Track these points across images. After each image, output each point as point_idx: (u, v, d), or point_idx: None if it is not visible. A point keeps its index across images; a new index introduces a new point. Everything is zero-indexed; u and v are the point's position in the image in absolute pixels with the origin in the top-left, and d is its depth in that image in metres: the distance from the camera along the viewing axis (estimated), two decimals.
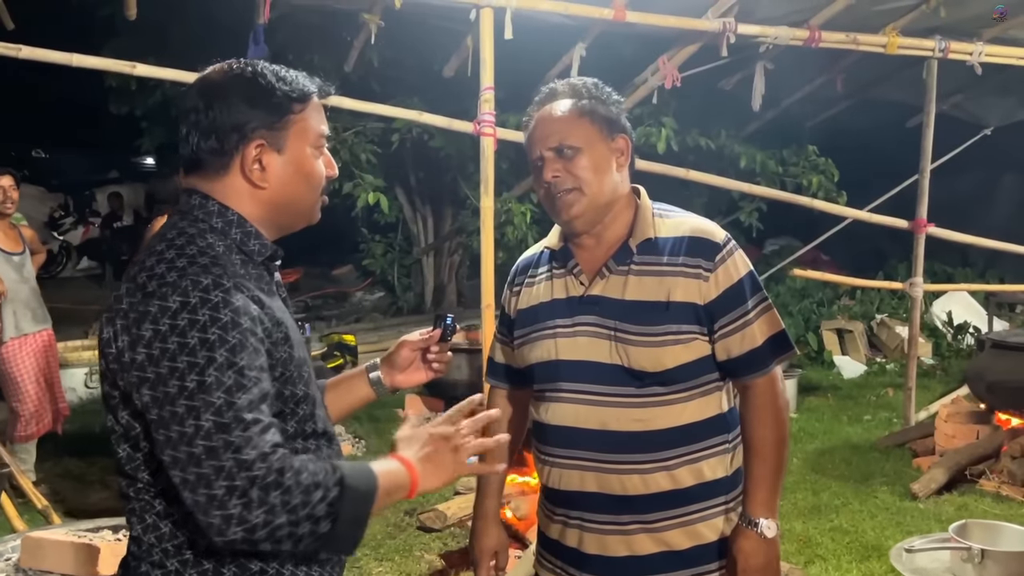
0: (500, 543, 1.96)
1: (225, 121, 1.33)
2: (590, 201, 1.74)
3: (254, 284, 1.33)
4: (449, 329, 1.67)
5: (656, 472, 1.72)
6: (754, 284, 1.75)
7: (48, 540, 2.25)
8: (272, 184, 1.37)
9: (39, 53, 4.28)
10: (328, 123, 1.46)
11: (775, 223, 9.58)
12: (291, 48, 6.83)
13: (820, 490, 4.77)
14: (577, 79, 1.84)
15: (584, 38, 5.46)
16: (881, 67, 6.41)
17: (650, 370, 1.70)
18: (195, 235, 1.32)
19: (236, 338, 1.21)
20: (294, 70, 1.41)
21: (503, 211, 6.97)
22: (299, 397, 1.35)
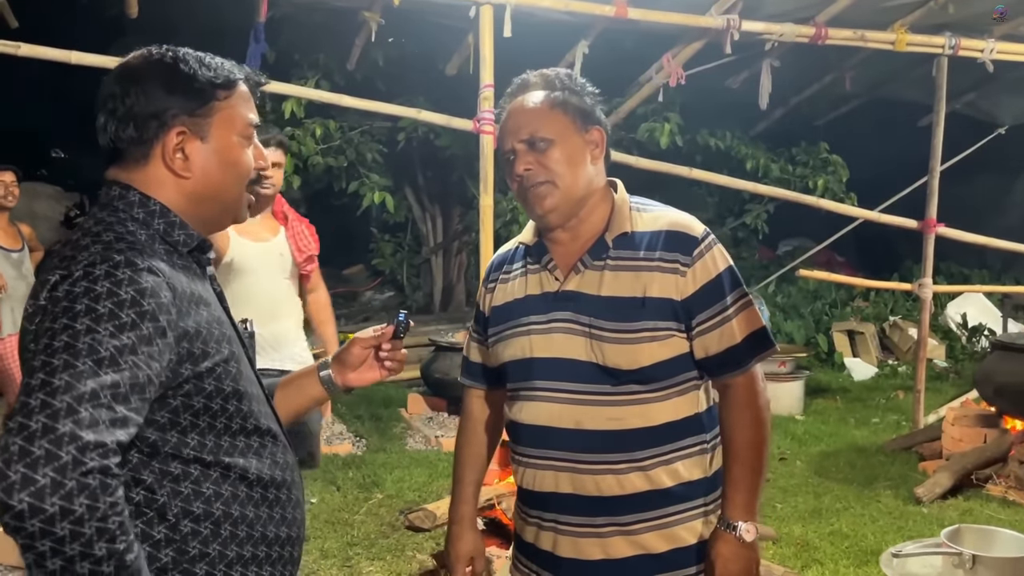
0: (476, 548, 1.92)
1: (143, 108, 1.28)
2: (563, 194, 1.69)
3: (179, 278, 1.27)
4: (402, 326, 1.61)
5: (631, 472, 1.67)
6: (734, 280, 1.70)
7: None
8: (196, 174, 1.32)
9: (37, 51, 4.31)
10: (334, 122, 1.39)
11: (789, 224, 9.49)
12: (297, 47, 6.83)
13: (822, 493, 4.70)
14: (551, 70, 1.78)
15: (587, 35, 5.43)
16: (891, 65, 6.33)
17: (625, 368, 1.65)
18: (114, 223, 1.26)
19: (129, 318, 1.14)
20: (220, 58, 1.36)
21: (508, 210, 6.93)
22: (227, 393, 1.28)
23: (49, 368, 1.06)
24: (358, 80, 6.55)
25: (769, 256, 10.68)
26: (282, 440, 1.41)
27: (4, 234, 4.70)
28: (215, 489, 1.28)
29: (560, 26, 5.39)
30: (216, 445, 1.28)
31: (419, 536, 4.05)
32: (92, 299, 1.13)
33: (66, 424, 1.02)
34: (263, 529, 1.33)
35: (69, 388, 1.05)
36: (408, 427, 6.00)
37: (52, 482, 0.99)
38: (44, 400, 1.02)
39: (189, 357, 1.22)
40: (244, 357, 1.37)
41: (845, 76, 6.58)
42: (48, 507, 0.98)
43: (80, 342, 1.09)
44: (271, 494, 1.35)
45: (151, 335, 1.16)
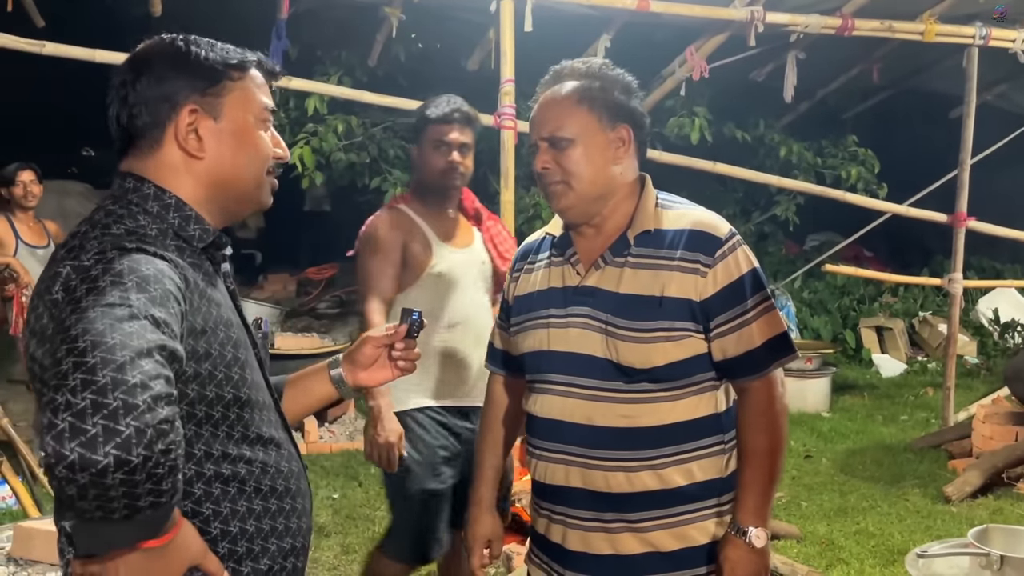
0: (494, 531, 1.93)
1: (154, 92, 1.26)
2: (577, 195, 1.69)
3: (190, 273, 1.23)
4: (415, 325, 1.55)
5: (641, 471, 1.65)
6: (756, 283, 1.67)
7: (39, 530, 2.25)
8: (209, 153, 1.28)
9: (62, 49, 4.35)
10: (356, 118, 1.35)
11: (816, 218, 9.36)
12: (319, 44, 6.85)
13: (848, 492, 4.63)
14: (586, 60, 1.76)
15: (608, 29, 5.38)
16: (920, 56, 6.22)
17: (638, 366, 1.64)
18: (124, 216, 1.23)
19: (158, 291, 1.11)
20: (231, 46, 1.33)
21: (531, 205, 6.91)
22: (227, 400, 1.25)
23: (95, 331, 1.02)
24: (380, 76, 6.54)
25: (796, 251, 10.55)
26: (287, 448, 1.38)
27: (29, 231, 4.76)
28: (214, 507, 1.25)
29: (582, 19, 5.35)
30: (222, 454, 1.25)
31: None
32: (114, 274, 1.09)
33: (135, 376, 0.99)
34: (263, 542, 1.30)
35: (125, 344, 1.01)
36: None
37: (136, 431, 0.96)
38: (105, 357, 0.99)
39: (193, 355, 1.19)
40: (253, 362, 1.33)
41: (873, 68, 6.47)
42: (134, 457, 0.96)
43: (117, 308, 1.05)
44: (273, 505, 1.32)
45: (176, 312, 1.14)
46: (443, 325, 2.60)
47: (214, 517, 1.24)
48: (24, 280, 4.50)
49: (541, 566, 1.83)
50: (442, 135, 2.61)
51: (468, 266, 2.68)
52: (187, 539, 1.13)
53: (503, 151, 4.89)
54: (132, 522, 1.01)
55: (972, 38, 5.45)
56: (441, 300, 2.60)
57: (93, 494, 0.96)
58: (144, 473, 0.97)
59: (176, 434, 1.01)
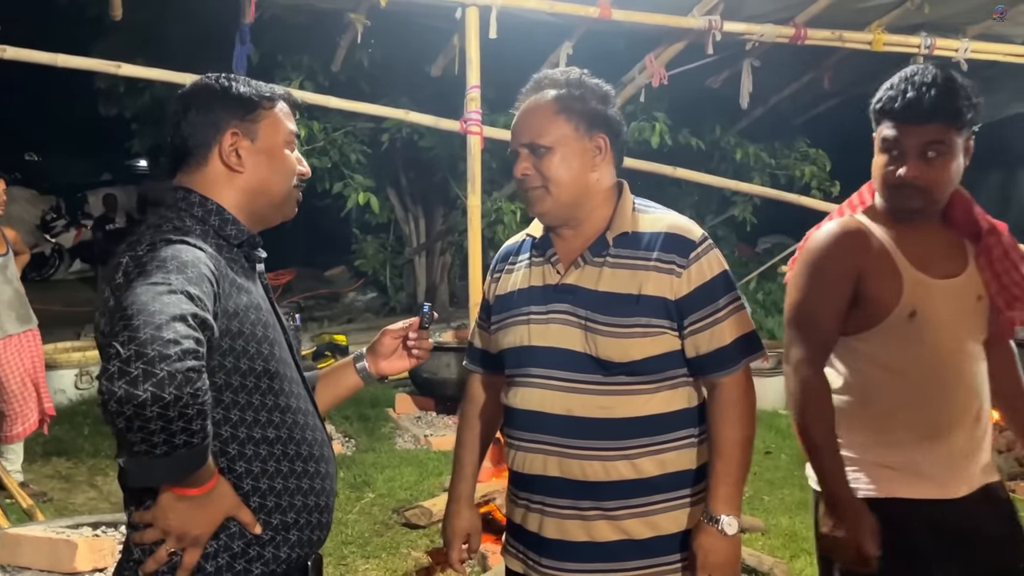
0: (472, 525, 1.98)
1: (202, 119, 1.51)
2: (555, 200, 1.76)
3: (224, 265, 1.45)
4: (427, 317, 1.76)
5: (617, 460, 1.72)
6: (727, 284, 1.76)
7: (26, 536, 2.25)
8: (247, 168, 1.52)
9: (24, 54, 4.29)
10: (317, 123, 1.60)
11: (768, 221, 9.60)
12: (280, 49, 6.84)
13: (807, 486, 4.72)
14: (565, 69, 1.84)
15: (571, 36, 5.48)
16: (868, 64, 6.43)
17: (616, 360, 1.71)
18: (173, 218, 1.47)
19: (194, 272, 1.33)
20: (263, 83, 1.59)
21: (493, 210, 6.97)
22: (258, 372, 1.45)
23: (140, 302, 1.24)
24: (342, 81, 6.56)
25: (748, 253, 10.80)
26: (313, 419, 1.57)
27: None
28: (246, 466, 1.44)
29: (544, 27, 5.45)
30: (254, 419, 1.44)
31: (413, 533, 4.09)
32: (160, 261, 1.33)
33: (169, 332, 1.21)
34: (290, 498, 1.48)
35: (163, 311, 1.23)
36: (397, 427, 6.02)
37: (168, 374, 1.18)
38: (147, 320, 1.21)
39: (227, 332, 1.40)
40: (282, 341, 1.54)
41: (824, 75, 6.68)
42: (166, 395, 1.18)
43: (159, 285, 1.28)
44: (298, 466, 1.50)
45: (209, 291, 1.35)
46: (911, 383, 1.86)
47: (246, 475, 1.44)
48: None
49: (516, 555, 1.88)
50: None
51: (957, 302, 1.88)
52: (223, 492, 1.37)
53: (470, 156, 4.95)
54: (171, 458, 1.23)
55: (918, 47, 5.67)
56: (915, 353, 1.85)
57: (137, 425, 1.19)
58: (176, 410, 1.19)
59: (202, 383, 1.22)
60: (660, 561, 1.76)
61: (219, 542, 1.41)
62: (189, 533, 1.36)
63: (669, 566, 1.77)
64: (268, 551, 1.45)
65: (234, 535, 1.42)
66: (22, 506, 3.67)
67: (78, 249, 12.74)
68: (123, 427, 1.19)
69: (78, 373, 6.42)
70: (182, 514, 1.34)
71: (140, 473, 1.29)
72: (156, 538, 1.38)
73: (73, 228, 12.98)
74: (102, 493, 4.85)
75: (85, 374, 6.42)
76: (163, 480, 1.30)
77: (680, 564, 1.77)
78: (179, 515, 1.34)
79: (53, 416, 4.96)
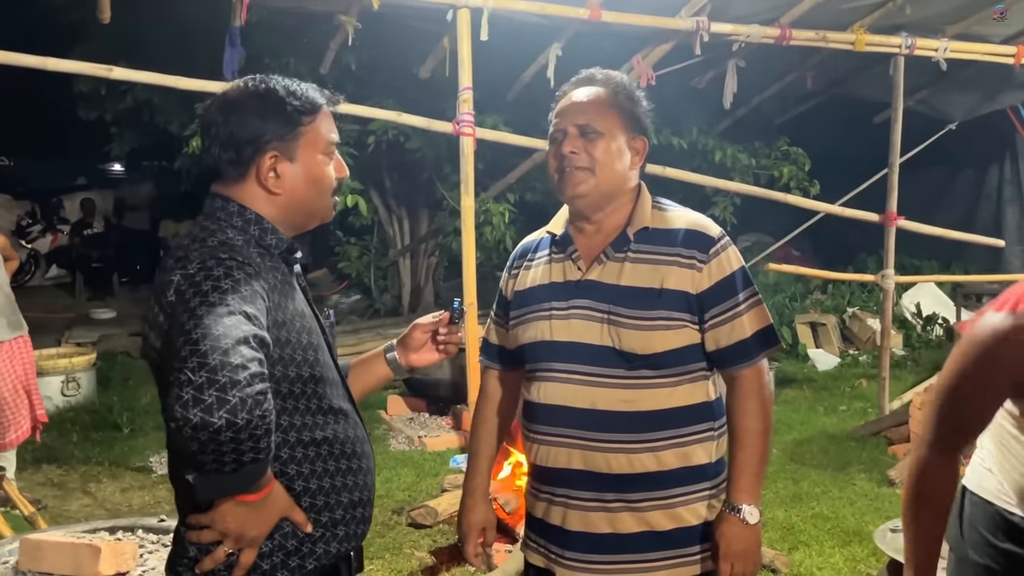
0: (488, 520, 2.01)
1: (241, 134, 1.49)
2: (597, 184, 1.80)
3: (271, 276, 1.47)
4: (457, 312, 1.80)
5: (642, 452, 1.77)
6: (746, 279, 1.81)
7: (48, 542, 2.24)
8: (286, 190, 1.53)
9: (12, 57, 4.24)
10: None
11: (746, 219, 9.71)
12: (268, 51, 6.80)
13: (800, 479, 4.86)
14: (615, 73, 1.91)
15: (559, 38, 5.51)
16: (849, 64, 6.55)
17: (640, 352, 1.76)
18: (215, 230, 1.49)
19: (248, 291, 1.37)
20: (304, 83, 1.55)
21: (481, 211, 6.99)
22: (306, 378, 1.49)
23: (203, 326, 1.28)
24: (329, 83, 6.52)
25: None
26: (353, 417, 1.62)
27: None
28: (297, 469, 1.49)
29: (534, 28, 5.47)
30: (302, 424, 1.49)
31: (416, 534, 4.10)
32: (214, 280, 1.36)
33: (236, 357, 1.25)
34: (337, 496, 1.54)
35: (227, 335, 1.28)
36: (390, 428, 6.02)
37: (240, 400, 1.23)
38: (213, 345, 1.25)
39: (277, 342, 1.44)
40: (323, 345, 1.58)
41: (806, 75, 6.78)
42: (239, 420, 1.23)
43: (218, 307, 1.31)
44: (343, 464, 1.55)
45: (262, 307, 1.40)
46: None
47: (297, 476, 1.49)
48: None
49: (538, 550, 1.91)
50: None
51: None
52: (278, 495, 1.43)
53: (462, 158, 4.96)
54: (238, 474, 1.29)
55: (899, 47, 5.78)
56: None
57: (211, 449, 1.24)
58: (247, 433, 1.24)
59: (268, 404, 1.28)
60: (682, 552, 1.81)
61: (274, 541, 1.45)
62: (246, 535, 1.41)
63: (690, 557, 1.82)
64: (319, 547, 1.50)
65: (287, 534, 1.46)
66: (23, 514, 3.63)
67: (55, 254, 12.57)
68: (196, 450, 1.24)
69: (65, 380, 6.35)
70: (240, 518, 1.39)
71: (209, 489, 1.34)
72: (214, 539, 1.41)
73: (49, 233, 12.80)
74: (96, 500, 4.81)
75: (72, 381, 6.35)
76: (230, 493, 1.36)
77: (700, 555, 1.82)
78: (237, 519, 1.39)
79: (45, 423, 4.91)
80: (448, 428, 5.92)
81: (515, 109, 6.77)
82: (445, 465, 5.16)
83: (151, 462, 5.37)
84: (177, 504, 1.52)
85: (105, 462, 5.36)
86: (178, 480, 1.46)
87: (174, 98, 7.38)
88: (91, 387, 6.57)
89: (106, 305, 10.62)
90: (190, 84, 4.71)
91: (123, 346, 8.43)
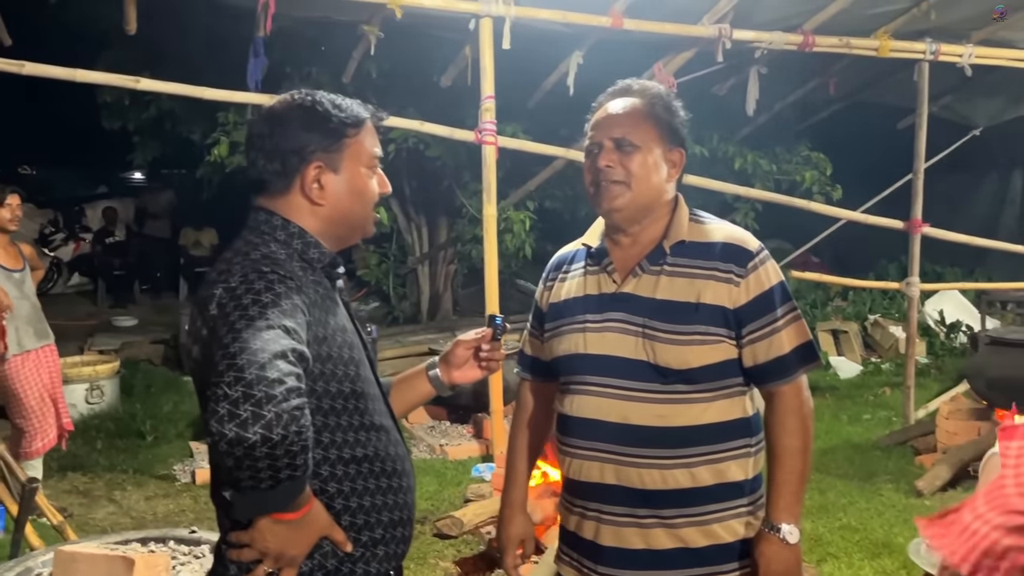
0: (527, 531, 1.99)
1: (286, 145, 1.49)
2: (633, 197, 1.78)
3: (312, 290, 1.46)
4: (499, 328, 1.78)
5: (676, 468, 1.74)
6: (784, 294, 1.78)
7: (82, 554, 2.24)
8: (329, 201, 1.52)
9: (42, 69, 4.29)
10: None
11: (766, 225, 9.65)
12: (289, 61, 6.84)
13: (826, 489, 4.82)
14: (651, 83, 1.89)
15: (581, 46, 5.51)
16: (873, 70, 6.51)
17: (675, 367, 1.73)
18: (259, 243, 1.48)
19: (289, 305, 1.36)
20: (348, 99, 1.57)
21: (501, 219, 6.99)
22: (347, 394, 1.48)
23: (242, 340, 1.27)
24: (350, 92, 6.52)
25: None
26: (395, 434, 1.60)
27: (5, 254, 4.65)
28: (337, 487, 1.47)
29: (555, 36, 5.47)
30: (343, 441, 1.47)
31: (440, 544, 4.09)
32: (255, 294, 1.35)
33: (273, 372, 1.24)
34: (378, 515, 1.51)
35: (264, 349, 1.26)
36: (411, 436, 6.02)
37: (275, 415, 1.21)
38: (250, 359, 1.24)
39: (318, 358, 1.42)
40: (365, 360, 1.55)
41: (830, 81, 6.74)
42: (274, 436, 1.21)
43: (257, 321, 1.30)
44: (384, 483, 1.53)
45: (302, 321, 1.38)
46: None
47: (337, 495, 1.47)
48: (4, 303, 4.39)
49: (572, 564, 1.88)
50: None
51: None
52: (317, 514, 1.40)
53: (485, 166, 4.97)
54: (275, 491, 1.27)
55: (923, 53, 5.74)
56: None
57: (246, 464, 1.22)
58: (283, 449, 1.22)
59: (305, 419, 1.25)
60: (716, 570, 1.78)
61: (313, 561, 1.44)
62: (286, 554, 1.39)
63: (725, 575, 1.79)
64: (359, 567, 1.48)
65: (327, 554, 1.45)
66: (52, 523, 3.65)
67: (77, 262, 12.68)
68: (231, 465, 1.22)
69: (89, 387, 6.39)
70: (279, 537, 1.37)
71: (247, 506, 1.33)
72: (254, 558, 1.40)
73: (71, 241, 12.91)
74: (122, 508, 4.83)
75: (96, 389, 6.40)
76: (267, 510, 1.34)
77: (736, 573, 1.78)
78: (277, 538, 1.37)
79: (71, 431, 4.95)
80: (469, 436, 5.91)
81: (535, 116, 6.78)
82: (467, 474, 5.15)
83: (175, 470, 5.40)
84: (218, 521, 1.51)
85: (129, 470, 5.39)
86: (218, 497, 1.46)
87: (196, 107, 7.42)
88: (115, 395, 6.61)
89: (127, 313, 10.68)
90: (215, 94, 4.75)
91: (145, 354, 8.49)
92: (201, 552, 2.60)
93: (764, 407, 1.83)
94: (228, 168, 7.05)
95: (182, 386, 7.17)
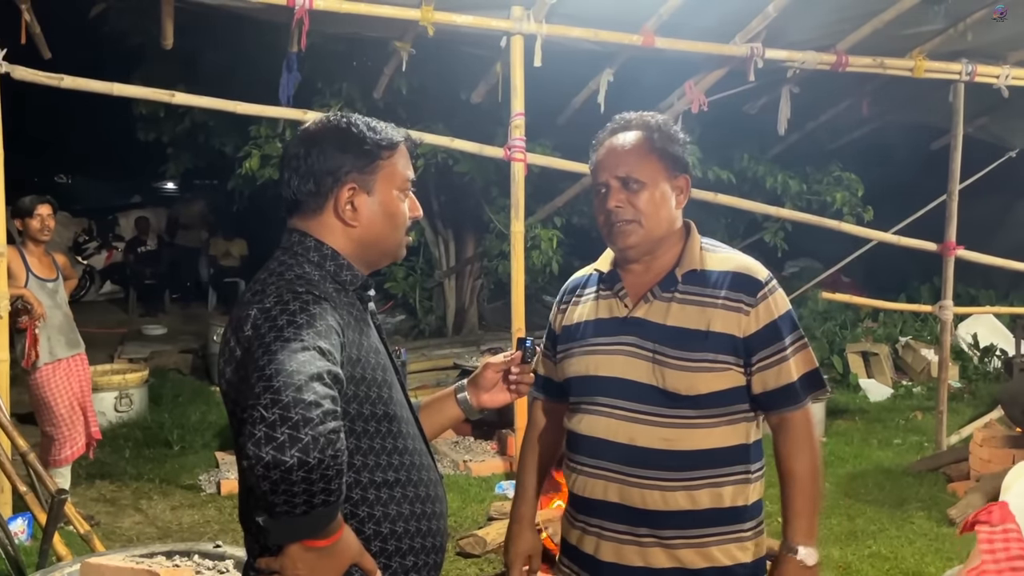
0: (534, 547, 2.02)
1: (321, 166, 1.50)
2: (646, 234, 1.83)
3: (346, 311, 1.46)
4: (529, 352, 1.78)
5: (677, 491, 1.77)
6: (792, 323, 1.82)
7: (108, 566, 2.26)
8: (362, 222, 1.53)
9: (80, 83, 4.36)
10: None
11: (795, 245, 9.58)
12: (320, 76, 6.90)
13: (855, 515, 4.74)
14: (649, 114, 1.92)
15: (612, 63, 5.51)
16: (907, 90, 6.43)
17: (684, 393, 1.76)
18: (293, 264, 1.49)
19: (323, 326, 1.35)
20: (382, 122, 1.58)
21: (529, 236, 6.99)
22: (379, 416, 1.47)
23: (277, 361, 1.26)
24: (381, 108, 6.61)
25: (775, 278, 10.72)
26: (427, 459, 1.58)
27: (39, 264, 4.73)
28: (368, 511, 1.45)
29: (586, 54, 5.47)
30: (375, 464, 1.46)
31: (462, 562, 4.07)
32: (290, 315, 1.35)
33: (310, 394, 1.22)
34: (410, 541, 1.50)
35: (300, 371, 1.25)
36: (435, 451, 5.97)
37: (312, 439, 1.20)
38: (286, 381, 1.23)
39: (351, 379, 1.42)
40: (396, 383, 1.55)
41: (863, 102, 6.67)
42: (311, 459, 1.20)
43: (293, 342, 1.30)
44: (417, 508, 1.51)
45: (337, 343, 1.38)
46: None
47: (368, 519, 1.46)
48: (37, 312, 4.46)
49: (569, 575, 1.92)
50: None
51: None
52: (349, 542, 1.37)
53: (514, 183, 4.97)
54: (309, 517, 1.25)
55: (959, 74, 5.67)
56: None
57: (282, 489, 1.20)
58: (319, 473, 1.20)
59: (341, 443, 1.24)
60: None
61: None
62: None
63: None
64: None
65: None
66: (79, 532, 3.68)
67: (109, 271, 12.88)
68: (267, 489, 1.20)
69: (118, 396, 6.46)
70: (309, 563, 1.34)
71: (280, 532, 1.30)
72: None
73: (104, 250, 13.12)
74: (148, 517, 4.87)
75: (125, 397, 6.47)
76: (300, 536, 1.31)
77: None
78: (307, 564, 1.34)
79: (99, 440, 4.99)
80: (493, 453, 5.89)
81: (565, 133, 6.78)
82: (491, 491, 5.13)
83: (200, 480, 5.43)
84: (246, 545, 1.50)
85: (156, 479, 5.43)
86: (248, 521, 1.44)
87: (229, 121, 7.53)
88: (143, 404, 6.68)
89: (157, 321, 10.82)
90: (248, 109, 4.80)
91: (174, 363, 8.58)
92: (225, 567, 2.60)
93: (773, 434, 1.86)
94: (259, 180, 7.13)
95: (210, 396, 7.23)
